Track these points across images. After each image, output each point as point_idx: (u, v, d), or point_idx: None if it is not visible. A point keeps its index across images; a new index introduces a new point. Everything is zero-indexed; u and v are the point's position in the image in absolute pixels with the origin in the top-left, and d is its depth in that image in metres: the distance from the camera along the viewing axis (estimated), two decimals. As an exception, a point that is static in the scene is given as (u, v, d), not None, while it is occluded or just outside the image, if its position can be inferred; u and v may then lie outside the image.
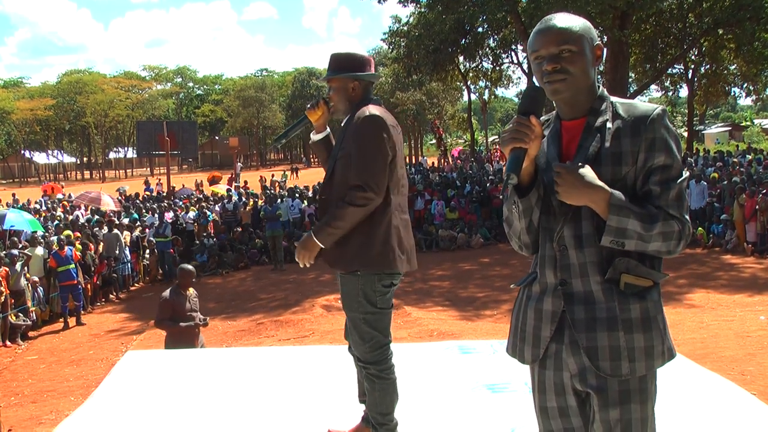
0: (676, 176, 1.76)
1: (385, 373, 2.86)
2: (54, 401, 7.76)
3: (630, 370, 1.75)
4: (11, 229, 14.60)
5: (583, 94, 1.85)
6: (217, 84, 76.56)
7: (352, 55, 2.92)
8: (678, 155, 1.79)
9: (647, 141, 1.76)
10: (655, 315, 1.79)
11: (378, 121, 2.76)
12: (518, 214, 1.91)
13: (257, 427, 3.36)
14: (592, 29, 1.87)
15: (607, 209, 1.72)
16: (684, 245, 1.77)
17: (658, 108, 1.80)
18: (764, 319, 9.17)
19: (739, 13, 18.65)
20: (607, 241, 1.74)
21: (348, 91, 2.89)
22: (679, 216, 1.74)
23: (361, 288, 2.80)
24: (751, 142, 36.65)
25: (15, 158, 66.42)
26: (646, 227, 1.71)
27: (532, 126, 1.79)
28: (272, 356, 4.76)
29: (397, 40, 27.43)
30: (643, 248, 1.74)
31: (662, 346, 1.79)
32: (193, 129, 33.32)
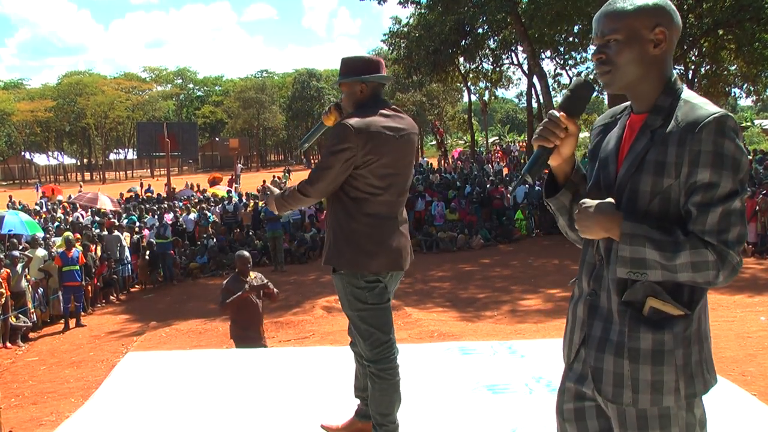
0: (721, 198, 1.53)
1: (385, 374, 2.86)
2: (54, 403, 7.76)
3: (632, 400, 1.63)
4: (10, 233, 14.60)
5: (644, 87, 1.67)
6: (218, 85, 76.60)
7: (360, 58, 2.96)
8: (731, 174, 1.53)
9: (692, 153, 1.55)
10: (673, 349, 1.61)
11: (344, 130, 2.74)
12: (553, 212, 1.85)
13: (257, 427, 3.36)
14: (661, 8, 1.64)
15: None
16: (729, 276, 1.55)
17: (717, 114, 1.55)
18: (765, 319, 9.16)
19: (739, 13, 18.66)
20: (623, 273, 1.60)
21: (356, 93, 2.91)
22: (717, 243, 1.52)
23: (347, 285, 2.85)
24: (749, 144, 36.68)
25: (15, 160, 66.44)
26: (667, 257, 1.54)
27: (561, 125, 1.69)
28: (272, 357, 4.76)
29: (397, 41, 27.49)
30: (673, 278, 1.57)
31: (675, 383, 1.61)
32: (194, 130, 33.37)
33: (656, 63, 1.66)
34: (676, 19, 1.66)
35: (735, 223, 1.54)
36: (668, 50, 1.67)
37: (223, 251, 17.10)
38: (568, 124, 1.70)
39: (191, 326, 11.31)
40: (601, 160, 1.75)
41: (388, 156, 2.81)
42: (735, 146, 1.54)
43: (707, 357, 1.68)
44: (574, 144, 1.73)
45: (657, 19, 1.63)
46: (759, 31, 19.24)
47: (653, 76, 1.66)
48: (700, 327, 1.66)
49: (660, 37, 1.64)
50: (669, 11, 1.65)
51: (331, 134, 2.82)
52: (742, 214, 1.55)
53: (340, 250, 2.82)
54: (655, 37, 1.64)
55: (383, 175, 2.81)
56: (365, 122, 2.78)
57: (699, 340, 1.65)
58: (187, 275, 16.45)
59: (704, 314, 1.69)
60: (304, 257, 17.33)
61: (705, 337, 1.68)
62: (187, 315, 12.31)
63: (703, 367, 1.66)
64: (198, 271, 16.58)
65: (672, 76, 1.68)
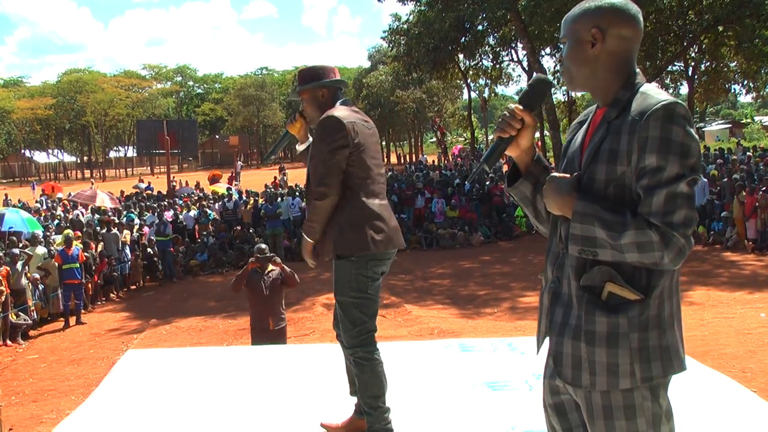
0: (667, 181, 1.57)
1: (373, 355, 2.99)
2: (55, 400, 7.77)
3: (590, 382, 1.67)
4: (10, 230, 14.59)
5: (598, 84, 1.76)
6: (217, 83, 76.47)
7: (315, 67, 3.15)
8: (678, 158, 1.58)
9: (641, 139, 1.61)
10: (628, 332, 1.64)
11: (331, 120, 2.94)
12: (518, 203, 1.92)
13: (257, 425, 3.36)
14: (602, 9, 1.72)
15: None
16: (675, 258, 1.58)
17: (665, 102, 1.61)
18: (765, 316, 9.17)
19: (739, 10, 18.63)
20: (574, 251, 1.66)
21: (318, 99, 3.10)
22: (661, 225, 1.56)
23: (354, 272, 2.95)
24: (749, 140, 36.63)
25: (15, 157, 66.39)
26: (614, 236, 1.59)
27: (517, 116, 1.78)
28: (272, 355, 4.76)
29: (397, 38, 27.45)
30: (621, 259, 1.61)
31: (630, 366, 1.64)
32: (193, 128, 33.32)
33: (599, 62, 1.73)
34: (623, 17, 1.72)
35: (681, 205, 1.57)
36: (611, 49, 1.72)
37: (223, 249, 17.10)
38: (524, 116, 1.79)
39: (191, 324, 11.32)
40: (569, 155, 1.83)
41: (369, 144, 3.02)
42: (683, 132, 1.59)
43: (670, 344, 1.68)
44: (531, 135, 1.82)
45: (595, 20, 1.72)
46: (759, 27, 19.20)
47: (602, 73, 1.74)
48: (660, 313, 1.67)
49: (596, 37, 1.72)
50: (612, 11, 1.72)
51: (321, 130, 2.95)
52: (688, 198, 1.59)
53: (348, 236, 2.94)
54: (592, 38, 1.72)
55: (371, 161, 3.02)
56: (346, 114, 2.98)
57: (659, 326, 1.66)
58: (187, 273, 16.45)
59: (668, 302, 1.69)
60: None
61: (668, 324, 1.68)
62: (187, 312, 12.32)
63: (663, 353, 1.67)
64: (198, 268, 16.58)
65: (630, 72, 1.74)
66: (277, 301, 6.95)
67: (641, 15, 1.75)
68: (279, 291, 6.96)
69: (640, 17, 1.75)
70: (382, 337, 9.44)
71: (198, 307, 12.80)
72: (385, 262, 3.04)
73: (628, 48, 1.74)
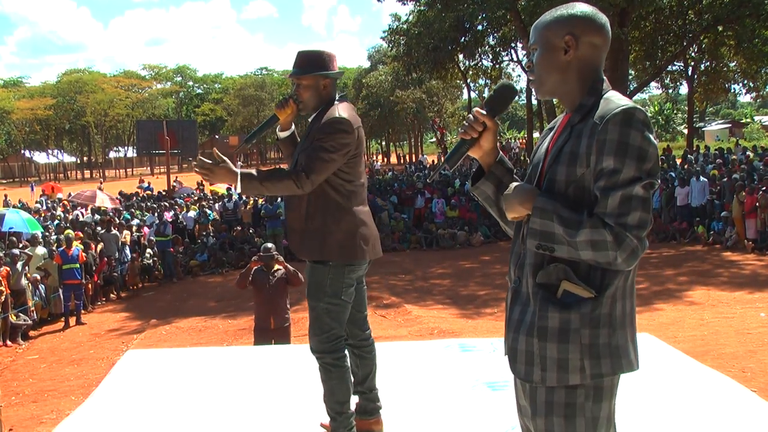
0: (623, 183, 1.60)
1: (340, 362, 2.94)
2: (55, 400, 7.76)
3: (541, 378, 1.69)
4: (10, 230, 14.59)
5: (565, 90, 1.79)
6: (217, 83, 76.45)
7: (321, 53, 2.96)
8: (634, 162, 1.61)
9: (599, 143, 1.64)
10: (579, 328, 1.66)
11: (345, 124, 2.83)
12: (481, 203, 1.97)
13: (257, 425, 3.36)
14: (575, 17, 1.76)
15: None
16: (627, 258, 1.60)
17: (625, 106, 1.64)
18: (765, 316, 9.17)
19: (739, 9, 18.64)
20: (532, 245, 1.69)
21: (320, 89, 2.94)
22: (615, 225, 1.59)
23: (330, 278, 2.89)
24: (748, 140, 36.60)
25: (15, 158, 66.37)
26: (570, 233, 1.61)
27: (479, 119, 1.83)
28: (272, 355, 4.76)
29: (396, 38, 27.44)
30: (576, 256, 1.64)
31: (580, 362, 1.66)
32: (193, 128, 33.31)
33: (571, 68, 1.77)
34: (594, 25, 1.76)
35: (635, 207, 1.60)
36: (582, 56, 1.76)
37: (223, 249, 17.10)
38: (485, 120, 1.84)
39: (191, 324, 11.32)
40: (535, 159, 1.88)
41: (362, 151, 2.96)
42: (641, 137, 1.62)
43: (620, 343, 1.69)
44: (492, 138, 1.87)
45: (568, 27, 1.75)
46: (759, 27, 19.21)
47: (571, 80, 1.77)
48: (612, 312, 1.68)
49: (569, 44, 1.75)
50: (584, 19, 1.75)
51: (330, 129, 2.82)
52: (643, 201, 1.61)
53: (341, 242, 2.88)
54: (565, 45, 1.75)
55: (361, 169, 2.97)
56: (353, 116, 2.89)
57: (610, 324, 1.68)
58: (187, 273, 16.45)
59: (621, 302, 1.70)
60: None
61: (619, 323, 1.70)
62: (187, 313, 12.31)
63: (612, 351, 1.68)
64: (198, 268, 16.58)
65: (597, 78, 1.78)
66: (280, 301, 6.95)
67: (609, 25, 1.80)
68: (283, 290, 6.98)
69: (608, 27, 1.79)
70: (381, 337, 9.49)
71: (198, 307, 12.80)
72: (362, 268, 2.99)
73: (598, 55, 1.78)
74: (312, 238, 2.91)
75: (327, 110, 2.90)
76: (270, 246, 7.23)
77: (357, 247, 2.89)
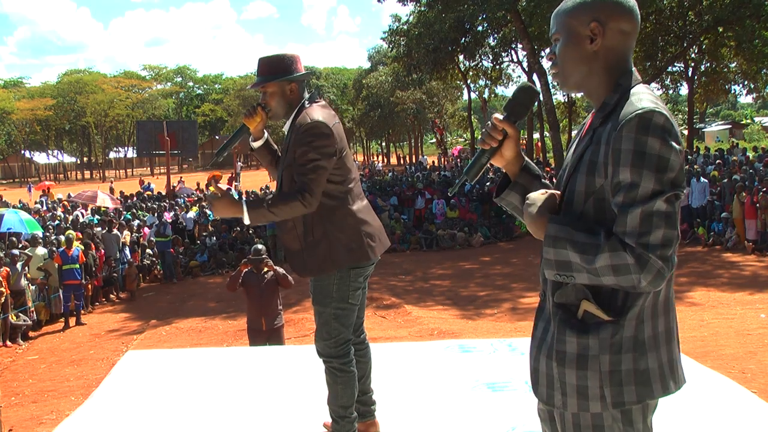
0: (642, 199, 1.45)
1: (348, 366, 2.91)
2: (54, 401, 7.76)
3: (562, 403, 1.60)
4: (9, 231, 14.58)
5: (592, 84, 1.64)
6: (217, 83, 76.44)
7: (282, 57, 2.90)
8: (653, 173, 1.45)
9: (615, 152, 1.49)
10: (598, 354, 1.55)
11: (320, 127, 2.74)
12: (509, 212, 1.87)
13: (257, 425, 3.36)
14: (599, 2, 1.59)
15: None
16: (653, 281, 1.46)
17: (640, 111, 1.48)
18: (765, 317, 9.16)
19: (739, 10, 18.64)
20: (551, 275, 1.57)
21: (286, 94, 2.87)
22: (636, 246, 1.44)
23: (336, 283, 2.85)
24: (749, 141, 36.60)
25: (15, 158, 66.39)
26: (588, 260, 1.48)
27: (498, 127, 1.71)
28: (272, 355, 4.75)
29: (396, 38, 27.44)
30: (598, 282, 1.51)
31: (600, 390, 1.55)
32: (193, 128, 33.31)
33: (597, 59, 1.61)
34: (620, 10, 1.59)
35: (658, 225, 1.45)
36: (610, 45, 1.60)
37: (223, 249, 17.10)
38: (505, 127, 1.71)
39: (191, 324, 11.31)
40: (564, 165, 1.75)
41: (346, 145, 2.88)
42: (660, 144, 1.46)
43: (650, 367, 1.57)
44: (514, 146, 1.74)
45: (593, 14, 1.59)
46: (759, 28, 19.21)
47: (598, 72, 1.62)
48: (640, 334, 1.56)
49: (595, 32, 1.59)
50: (610, 3, 1.59)
51: (308, 136, 2.73)
52: (667, 216, 1.46)
53: (340, 248, 2.81)
54: (591, 33, 1.59)
55: (350, 163, 2.89)
56: (327, 116, 2.81)
57: (634, 349, 1.56)
58: (187, 273, 16.45)
59: (650, 322, 1.58)
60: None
61: (649, 346, 1.57)
62: (187, 313, 12.31)
63: (638, 377, 1.56)
64: (198, 269, 16.58)
65: (624, 71, 1.62)
66: (271, 302, 6.95)
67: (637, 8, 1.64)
68: (274, 292, 6.97)
69: (637, 10, 1.63)
70: (381, 337, 9.49)
71: (198, 308, 12.80)
72: (369, 268, 2.94)
73: (627, 44, 1.63)
74: (315, 254, 2.83)
75: (299, 115, 2.82)
76: (261, 248, 7.20)
77: (365, 246, 2.84)
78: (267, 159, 3.09)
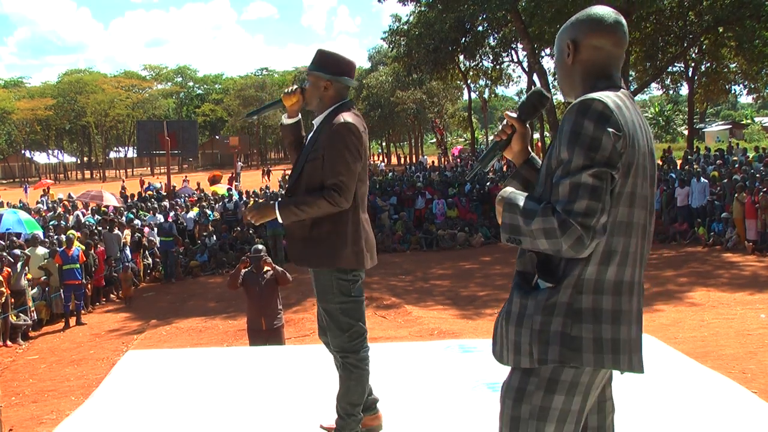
0: (572, 171, 1.63)
1: (362, 363, 2.96)
2: (55, 401, 7.76)
3: (507, 359, 1.78)
4: (8, 231, 14.58)
5: (575, 92, 1.86)
6: (218, 83, 76.49)
7: (334, 56, 2.99)
8: (584, 150, 1.63)
9: (559, 133, 1.71)
10: (532, 314, 1.72)
11: (352, 129, 2.85)
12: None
13: (257, 425, 3.36)
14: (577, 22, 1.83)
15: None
16: (573, 245, 1.62)
17: (584, 98, 1.69)
18: (765, 317, 9.16)
19: (739, 11, 18.65)
20: (504, 239, 1.76)
21: (320, 89, 2.96)
22: (561, 211, 1.62)
23: (335, 278, 2.90)
24: (749, 141, 36.58)
25: (15, 158, 66.44)
26: (526, 222, 1.67)
27: (509, 122, 1.95)
28: (272, 355, 4.76)
29: (397, 38, 27.46)
30: (536, 246, 1.68)
31: (529, 347, 1.72)
32: (194, 128, 33.28)
33: (575, 72, 1.85)
34: (596, 27, 1.80)
35: (582, 195, 1.62)
36: (584, 59, 1.82)
37: (224, 249, 17.10)
38: (514, 123, 1.95)
39: (191, 324, 11.32)
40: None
41: (365, 155, 2.94)
42: (594, 126, 1.64)
43: (583, 336, 1.68)
44: (521, 141, 1.96)
45: (572, 33, 1.84)
46: (759, 28, 19.22)
47: (578, 82, 1.85)
48: (576, 303, 1.69)
49: (570, 49, 1.83)
50: (586, 22, 1.81)
51: (339, 136, 2.83)
52: (593, 189, 1.62)
53: (344, 249, 2.87)
54: (568, 50, 1.84)
55: (365, 174, 2.96)
56: (357, 121, 2.90)
57: (567, 314, 1.69)
58: (187, 273, 16.44)
59: (597, 296, 1.70)
60: (304, 255, 17.32)
61: (591, 318, 1.69)
62: (188, 313, 12.32)
63: (565, 341, 1.69)
64: (198, 269, 16.58)
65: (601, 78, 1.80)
66: (271, 302, 6.95)
67: (623, 24, 1.81)
68: (273, 291, 6.97)
69: (619, 26, 1.80)
70: (382, 337, 9.48)
71: (198, 307, 12.80)
72: (361, 275, 3.02)
73: (603, 56, 1.81)
74: (317, 246, 2.89)
75: (332, 116, 2.90)
76: (260, 248, 7.21)
77: (363, 254, 2.92)
78: (289, 138, 3.16)
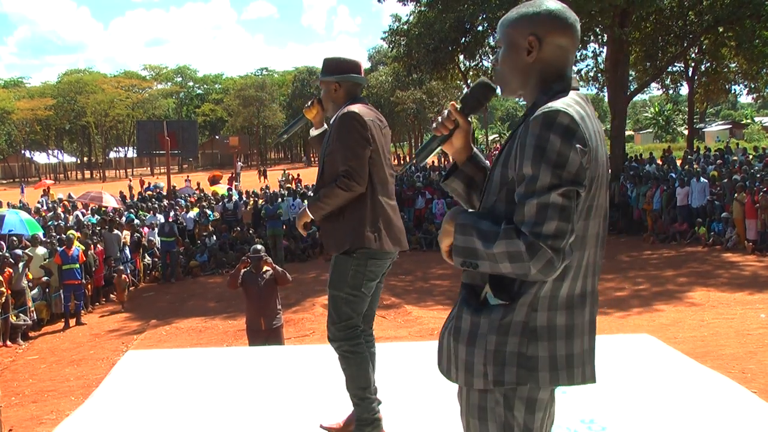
0: (539, 191, 1.51)
1: (358, 348, 3.04)
2: (54, 401, 7.76)
3: (456, 377, 1.71)
4: (10, 233, 14.58)
5: (527, 92, 1.72)
6: (218, 83, 76.51)
7: (337, 58, 3.13)
8: (550, 168, 1.51)
9: (521, 146, 1.57)
10: (486, 334, 1.62)
11: (352, 115, 2.95)
12: (455, 198, 1.96)
13: (257, 425, 3.36)
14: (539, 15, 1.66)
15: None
16: (543, 269, 1.51)
17: (547, 109, 1.56)
18: (765, 317, 9.17)
19: (739, 10, 18.63)
20: (458, 263, 1.65)
21: (331, 92, 3.11)
22: (529, 233, 1.51)
23: (353, 268, 2.98)
24: (749, 141, 36.58)
25: (15, 158, 66.43)
26: (487, 245, 1.55)
27: (451, 117, 1.81)
28: (272, 355, 4.76)
29: (397, 38, 27.42)
30: (498, 270, 1.57)
31: (484, 368, 1.63)
32: (194, 128, 33.27)
33: (533, 70, 1.69)
34: (561, 25, 1.66)
35: (552, 217, 1.51)
36: (546, 58, 1.67)
37: (224, 249, 17.10)
38: (457, 118, 1.81)
39: (191, 324, 11.32)
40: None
41: (382, 145, 3.04)
42: (561, 141, 1.52)
43: (538, 355, 1.61)
44: (464, 137, 1.85)
45: (532, 27, 1.66)
46: (759, 28, 19.20)
47: (533, 81, 1.69)
48: (531, 321, 1.61)
49: (532, 45, 1.66)
50: (550, 18, 1.66)
51: (344, 125, 2.95)
52: (562, 209, 1.51)
53: (366, 232, 2.95)
54: (528, 46, 1.67)
55: (384, 162, 3.04)
56: (365, 112, 3.00)
57: (523, 334, 1.61)
58: (186, 273, 16.44)
59: (551, 313, 1.63)
60: (303, 255, 17.34)
61: (546, 335, 1.62)
62: (187, 313, 12.32)
63: (521, 361, 1.61)
64: (198, 269, 16.57)
65: (559, 78, 1.68)
66: (270, 302, 6.95)
67: (578, 24, 1.71)
68: (273, 291, 6.98)
69: (577, 26, 1.70)
70: (381, 337, 9.44)
71: (198, 308, 12.80)
72: (385, 262, 3.07)
73: (563, 57, 1.69)
74: (338, 230, 2.99)
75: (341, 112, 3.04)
76: (259, 248, 7.21)
77: (383, 236, 2.97)
78: (317, 148, 3.30)
